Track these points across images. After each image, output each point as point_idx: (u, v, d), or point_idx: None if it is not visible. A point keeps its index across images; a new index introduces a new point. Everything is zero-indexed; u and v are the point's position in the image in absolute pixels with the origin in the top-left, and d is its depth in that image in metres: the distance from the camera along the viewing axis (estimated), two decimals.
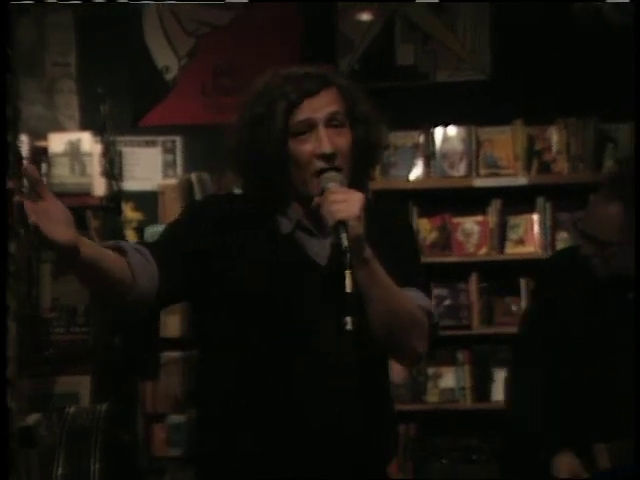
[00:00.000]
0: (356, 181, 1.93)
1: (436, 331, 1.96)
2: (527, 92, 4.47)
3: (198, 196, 4.46)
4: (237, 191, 2.05)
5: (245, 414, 1.88)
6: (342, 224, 1.78)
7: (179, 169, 4.70)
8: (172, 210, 4.43)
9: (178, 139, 4.70)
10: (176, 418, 4.35)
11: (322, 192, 1.84)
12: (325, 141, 1.86)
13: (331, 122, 1.88)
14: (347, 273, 1.75)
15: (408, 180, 4.42)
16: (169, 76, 4.74)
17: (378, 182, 4.24)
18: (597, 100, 4.41)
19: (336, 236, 1.79)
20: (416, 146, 4.46)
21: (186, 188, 4.49)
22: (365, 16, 4.71)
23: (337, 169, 1.88)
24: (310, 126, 1.88)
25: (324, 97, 1.89)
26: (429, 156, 4.44)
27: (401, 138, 4.47)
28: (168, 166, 4.70)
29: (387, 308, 1.84)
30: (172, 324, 4.39)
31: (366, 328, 1.84)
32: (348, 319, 1.74)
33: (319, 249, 1.92)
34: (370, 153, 1.94)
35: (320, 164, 1.87)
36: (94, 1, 4.51)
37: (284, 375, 1.87)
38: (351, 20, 4.69)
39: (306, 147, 1.88)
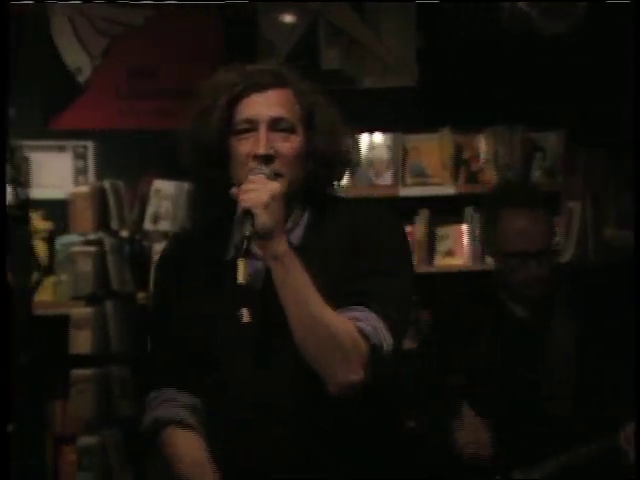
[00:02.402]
0: (315, 193, 1.85)
1: (382, 359, 1.76)
2: (455, 99, 4.41)
3: (111, 205, 4.33)
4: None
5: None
6: (248, 213, 1.71)
7: (91, 176, 4.51)
8: (83, 219, 4.29)
9: (90, 144, 4.51)
10: (87, 440, 4.14)
11: None
12: (262, 142, 1.78)
13: (275, 126, 1.80)
14: (239, 261, 1.69)
15: None
16: (81, 78, 4.58)
17: None
18: (526, 108, 4.35)
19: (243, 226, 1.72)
20: None
21: (99, 196, 4.32)
22: (287, 18, 4.60)
23: (277, 173, 1.81)
24: (252, 125, 1.80)
25: (273, 96, 1.81)
26: (354, 164, 4.32)
27: None
28: (79, 173, 4.51)
29: (300, 315, 1.71)
30: (82, 339, 4.19)
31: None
32: (244, 311, 1.72)
33: (261, 272, 1.82)
34: (330, 164, 1.84)
35: (254, 165, 1.79)
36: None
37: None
38: (273, 22, 4.58)
39: (245, 147, 1.80)
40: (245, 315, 1.74)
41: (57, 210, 4.37)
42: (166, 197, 4.37)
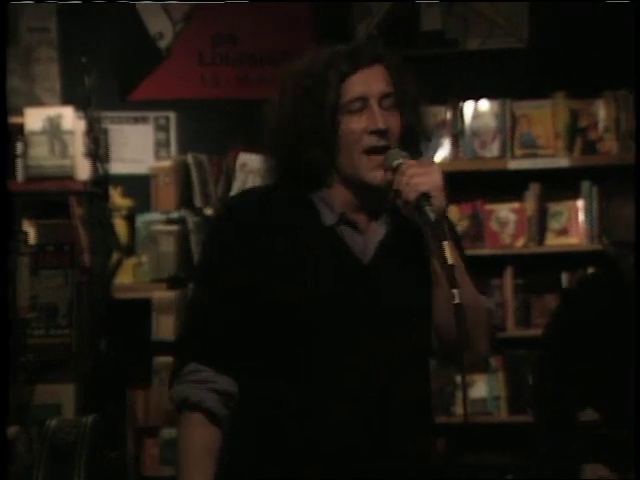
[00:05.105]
0: None
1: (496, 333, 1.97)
2: (570, 61, 4.26)
3: (195, 180, 4.20)
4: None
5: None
6: (425, 196, 1.81)
7: (173, 149, 4.42)
8: (166, 196, 4.20)
9: (172, 115, 4.43)
10: (170, 432, 4.03)
11: (391, 170, 1.85)
12: (379, 117, 1.88)
13: (382, 102, 1.90)
14: (446, 244, 1.80)
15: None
16: (163, 44, 4.47)
17: None
18: None
19: (419, 211, 1.82)
20: (443, 123, 4.25)
21: (181, 171, 4.21)
22: None
23: (389, 147, 1.89)
24: (363, 102, 1.90)
25: (376, 72, 1.92)
26: (457, 134, 4.25)
27: None
28: (161, 146, 4.42)
29: (467, 298, 1.83)
30: (166, 325, 4.10)
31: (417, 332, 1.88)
32: (456, 291, 1.78)
33: (363, 246, 1.91)
34: (416, 141, 1.94)
35: (371, 140, 1.88)
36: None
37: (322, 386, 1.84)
38: None
39: (358, 124, 1.89)
40: (457, 296, 1.79)
41: (138, 186, 4.29)
42: (253, 171, 4.22)
